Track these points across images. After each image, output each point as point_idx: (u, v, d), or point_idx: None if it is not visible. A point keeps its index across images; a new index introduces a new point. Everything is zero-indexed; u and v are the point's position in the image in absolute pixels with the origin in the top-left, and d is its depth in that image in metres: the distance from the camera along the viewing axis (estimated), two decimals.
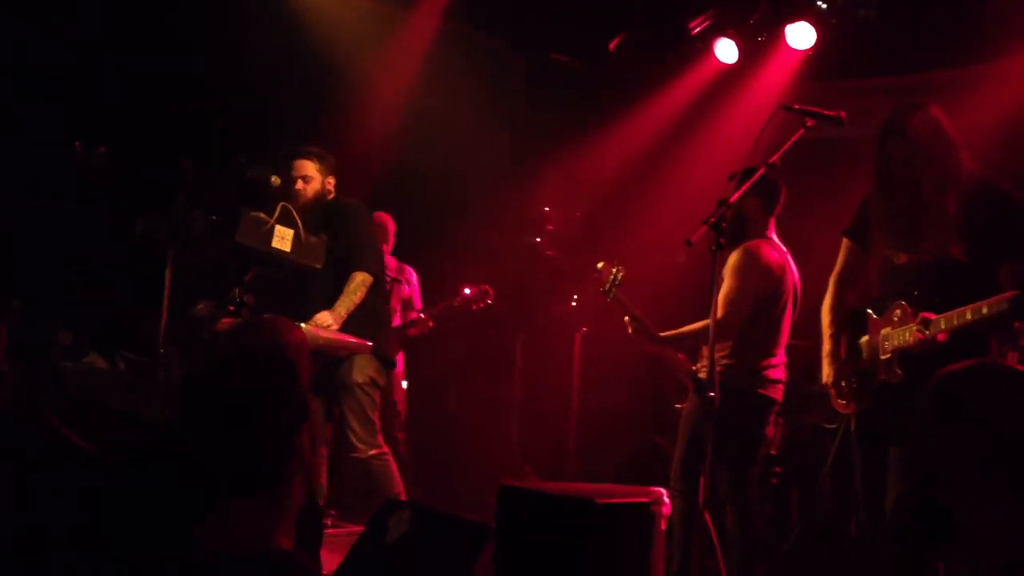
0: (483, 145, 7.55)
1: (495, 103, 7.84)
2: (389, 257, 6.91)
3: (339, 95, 7.24)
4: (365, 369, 5.10)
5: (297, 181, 5.27)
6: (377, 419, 5.18)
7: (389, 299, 6.44)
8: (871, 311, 3.89)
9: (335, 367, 5.08)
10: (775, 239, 4.73)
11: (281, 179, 4.96)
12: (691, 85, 7.38)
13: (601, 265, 5.07)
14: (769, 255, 4.61)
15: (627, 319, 4.85)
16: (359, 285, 5.10)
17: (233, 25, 6.59)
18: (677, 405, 4.94)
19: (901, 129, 3.78)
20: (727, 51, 6.95)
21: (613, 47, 7.35)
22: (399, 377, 7.23)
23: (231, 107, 6.63)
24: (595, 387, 7.64)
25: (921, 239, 3.75)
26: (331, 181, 5.38)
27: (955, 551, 2.08)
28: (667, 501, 3.94)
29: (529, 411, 8.02)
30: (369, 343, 5.05)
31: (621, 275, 4.98)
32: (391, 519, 3.49)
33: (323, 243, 5.01)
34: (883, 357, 3.77)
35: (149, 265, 4.75)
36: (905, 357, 3.68)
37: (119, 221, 4.83)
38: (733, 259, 4.59)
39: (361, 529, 3.75)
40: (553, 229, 8.03)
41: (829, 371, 4.00)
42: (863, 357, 3.90)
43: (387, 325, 5.50)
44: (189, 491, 1.88)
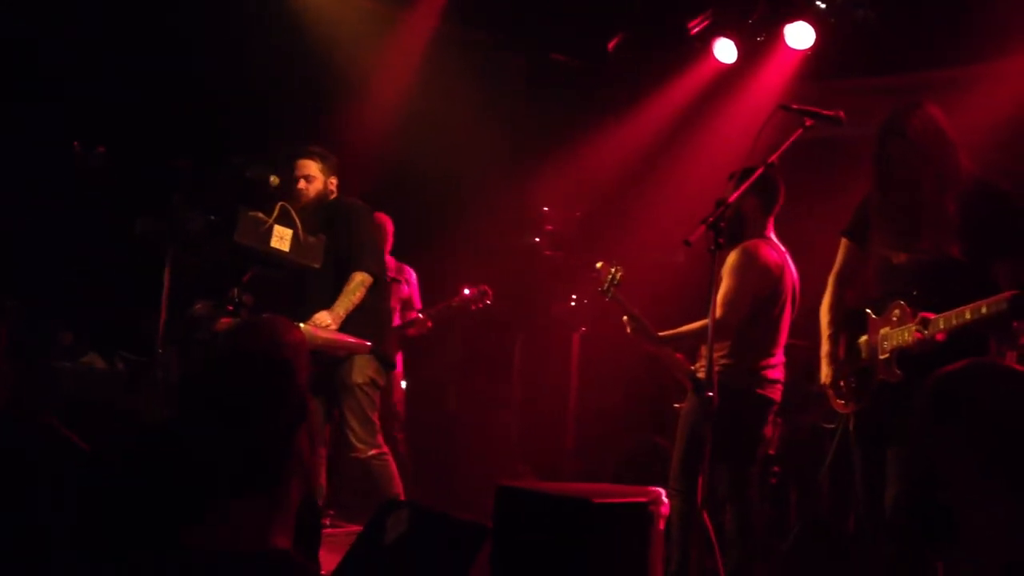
0: (482, 145, 7.54)
1: (494, 103, 7.84)
2: (388, 257, 6.90)
3: (339, 95, 7.24)
4: (365, 370, 5.10)
5: (299, 180, 5.27)
6: (377, 419, 5.18)
7: (389, 299, 6.44)
8: (870, 311, 3.89)
9: (335, 367, 5.08)
10: (774, 239, 4.72)
11: (283, 178, 4.96)
12: (690, 85, 7.38)
13: (600, 265, 5.07)
14: (768, 255, 4.61)
15: (626, 319, 4.85)
16: (358, 285, 5.10)
17: (233, 25, 6.59)
18: (676, 405, 4.94)
19: (901, 128, 3.78)
20: (726, 51, 6.95)
21: (611, 47, 7.35)
22: (398, 377, 7.22)
23: (231, 107, 6.64)
24: (593, 387, 7.64)
25: (920, 239, 3.74)
26: (333, 181, 5.38)
27: (954, 550, 2.08)
28: (666, 501, 3.93)
29: (528, 411, 8.00)
30: (368, 343, 5.05)
31: (620, 275, 4.98)
32: (389, 519, 3.49)
33: (321, 243, 5.02)
34: (882, 357, 3.77)
35: (148, 265, 4.76)
36: (904, 357, 3.68)
37: (118, 221, 4.84)
38: (732, 259, 4.58)
39: (359, 529, 3.76)
40: (552, 229, 8.03)
41: (828, 371, 4.00)
42: (862, 357, 3.90)
43: (387, 326, 5.49)
44: (187, 491, 1.88)
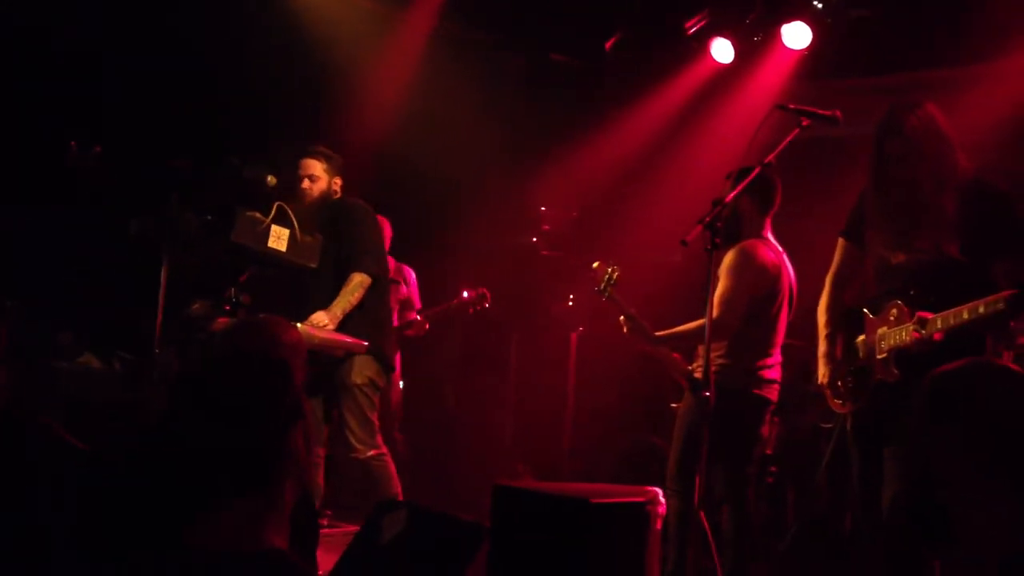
0: (481, 145, 7.54)
1: (493, 103, 7.83)
2: (387, 257, 6.90)
3: (338, 95, 7.23)
4: (364, 370, 5.10)
5: (303, 180, 5.28)
6: (376, 420, 5.18)
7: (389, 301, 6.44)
8: (867, 310, 3.89)
9: (335, 368, 5.08)
10: (771, 239, 4.72)
11: (287, 178, 4.96)
12: (687, 85, 7.38)
13: (596, 265, 5.07)
14: (764, 255, 4.61)
15: (622, 319, 4.85)
16: (357, 286, 5.10)
17: (233, 25, 6.58)
18: (673, 405, 4.94)
19: (898, 127, 3.77)
20: (723, 51, 6.95)
21: (609, 46, 7.35)
22: (396, 378, 7.22)
23: (230, 107, 6.63)
24: (590, 387, 7.64)
25: (917, 238, 3.74)
26: (337, 181, 5.38)
27: (951, 549, 2.08)
28: (663, 501, 3.94)
29: (525, 410, 8.01)
30: (365, 343, 5.05)
31: (616, 275, 4.98)
32: (386, 519, 3.49)
33: (318, 243, 5.01)
34: (879, 356, 3.77)
35: (145, 265, 4.75)
36: (901, 356, 3.68)
37: (115, 221, 4.83)
38: (728, 259, 4.59)
39: (357, 529, 3.75)
40: (549, 229, 8.03)
41: (825, 371, 4.00)
42: (859, 356, 3.90)
43: (387, 327, 5.47)
44: (183, 490, 1.89)
